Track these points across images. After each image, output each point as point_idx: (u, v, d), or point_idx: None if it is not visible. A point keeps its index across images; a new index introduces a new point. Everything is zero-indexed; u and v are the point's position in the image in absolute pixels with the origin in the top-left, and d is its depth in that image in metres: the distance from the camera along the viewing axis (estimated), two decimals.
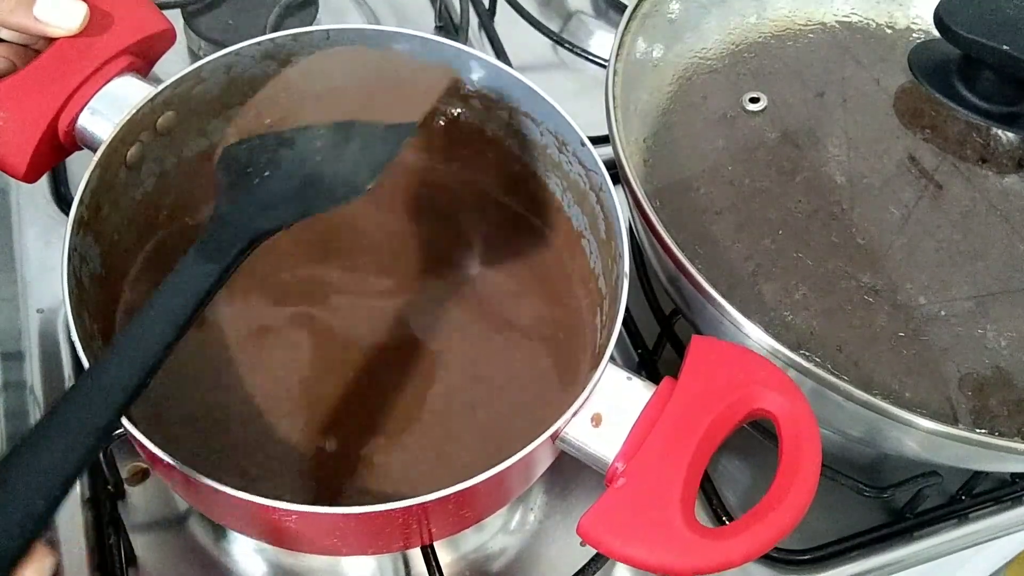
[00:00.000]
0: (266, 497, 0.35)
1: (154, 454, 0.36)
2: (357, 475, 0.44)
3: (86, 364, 0.37)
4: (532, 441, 0.37)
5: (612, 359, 0.40)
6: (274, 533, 0.40)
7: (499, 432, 0.40)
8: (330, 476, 0.44)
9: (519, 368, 0.48)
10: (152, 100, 0.44)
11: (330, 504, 0.36)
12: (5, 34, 0.45)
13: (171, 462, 0.36)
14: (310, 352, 0.47)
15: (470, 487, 0.36)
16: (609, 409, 0.39)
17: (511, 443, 0.37)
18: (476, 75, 0.49)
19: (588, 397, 0.39)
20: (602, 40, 0.74)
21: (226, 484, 0.35)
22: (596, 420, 0.39)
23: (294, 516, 0.36)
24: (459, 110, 0.51)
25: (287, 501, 0.35)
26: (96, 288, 0.43)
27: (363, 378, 0.47)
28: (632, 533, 0.36)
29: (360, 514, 0.35)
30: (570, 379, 0.47)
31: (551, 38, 0.72)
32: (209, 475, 0.35)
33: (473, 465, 0.37)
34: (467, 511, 0.40)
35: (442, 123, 0.52)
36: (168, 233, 0.49)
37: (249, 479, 0.43)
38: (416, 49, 0.48)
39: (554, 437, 0.39)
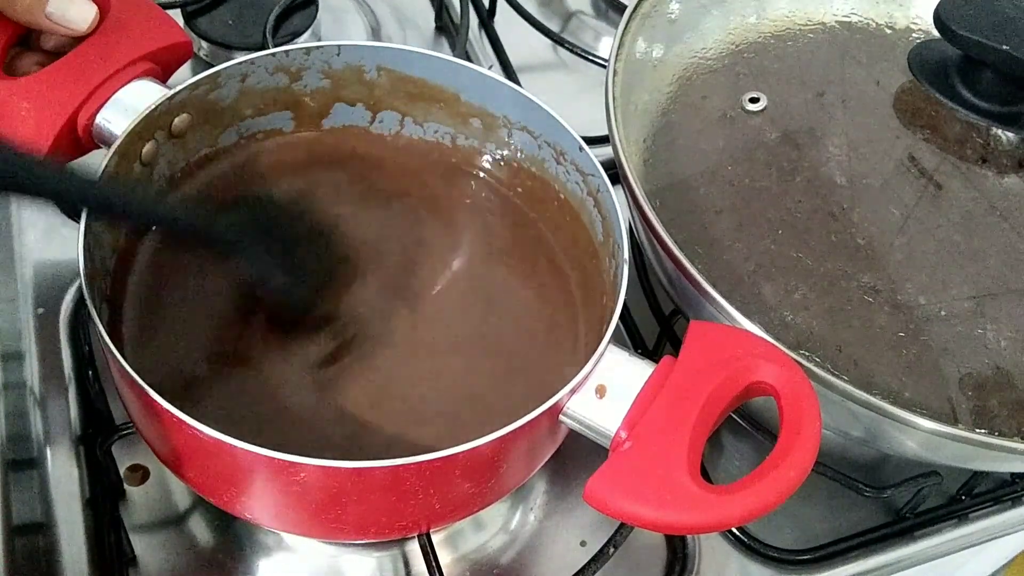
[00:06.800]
0: None
1: (178, 418, 0.36)
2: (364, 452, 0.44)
3: (97, 321, 0.39)
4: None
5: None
6: (273, 504, 0.40)
7: (505, 422, 0.40)
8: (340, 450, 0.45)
9: (522, 360, 0.48)
10: (170, 99, 0.46)
11: None
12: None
13: (190, 422, 0.36)
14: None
15: (475, 448, 0.37)
16: (612, 383, 0.40)
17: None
18: (476, 91, 0.50)
19: (591, 371, 0.40)
20: (602, 40, 0.74)
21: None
22: (600, 391, 0.40)
23: (302, 474, 0.36)
24: (462, 136, 0.52)
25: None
26: (104, 275, 0.44)
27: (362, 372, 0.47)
28: (639, 492, 0.37)
29: (369, 469, 0.36)
30: (575, 363, 0.47)
31: (551, 38, 0.72)
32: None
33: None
34: (471, 485, 0.40)
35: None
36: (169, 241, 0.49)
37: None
38: (413, 63, 0.50)
39: (557, 410, 0.39)
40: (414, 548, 0.49)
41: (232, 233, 0.44)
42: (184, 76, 0.47)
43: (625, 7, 0.54)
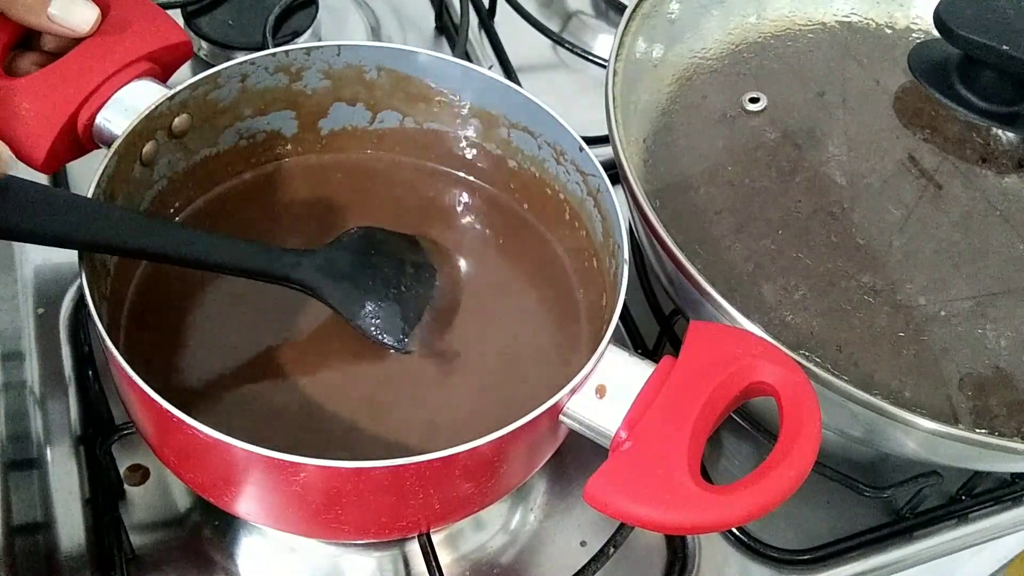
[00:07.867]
0: None
1: (172, 414, 0.36)
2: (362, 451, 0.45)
3: (97, 321, 0.39)
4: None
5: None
6: (273, 504, 0.40)
7: (505, 421, 0.41)
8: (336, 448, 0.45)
9: (522, 360, 0.48)
10: (170, 99, 0.46)
11: None
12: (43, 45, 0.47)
13: (190, 422, 0.36)
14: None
15: (475, 448, 0.37)
16: (612, 383, 0.40)
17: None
18: (476, 91, 0.50)
19: (591, 371, 0.40)
20: (602, 40, 0.74)
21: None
22: (600, 391, 0.40)
23: (302, 474, 0.36)
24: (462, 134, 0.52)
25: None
26: (105, 276, 0.44)
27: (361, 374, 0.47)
28: (639, 492, 0.37)
29: (369, 469, 0.36)
30: (575, 363, 0.47)
31: (551, 38, 0.72)
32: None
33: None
34: (471, 485, 0.40)
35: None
36: None
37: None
38: (413, 63, 0.50)
39: (557, 410, 0.39)
40: (414, 548, 0.49)
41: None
42: (184, 76, 0.47)
43: (625, 7, 0.54)
